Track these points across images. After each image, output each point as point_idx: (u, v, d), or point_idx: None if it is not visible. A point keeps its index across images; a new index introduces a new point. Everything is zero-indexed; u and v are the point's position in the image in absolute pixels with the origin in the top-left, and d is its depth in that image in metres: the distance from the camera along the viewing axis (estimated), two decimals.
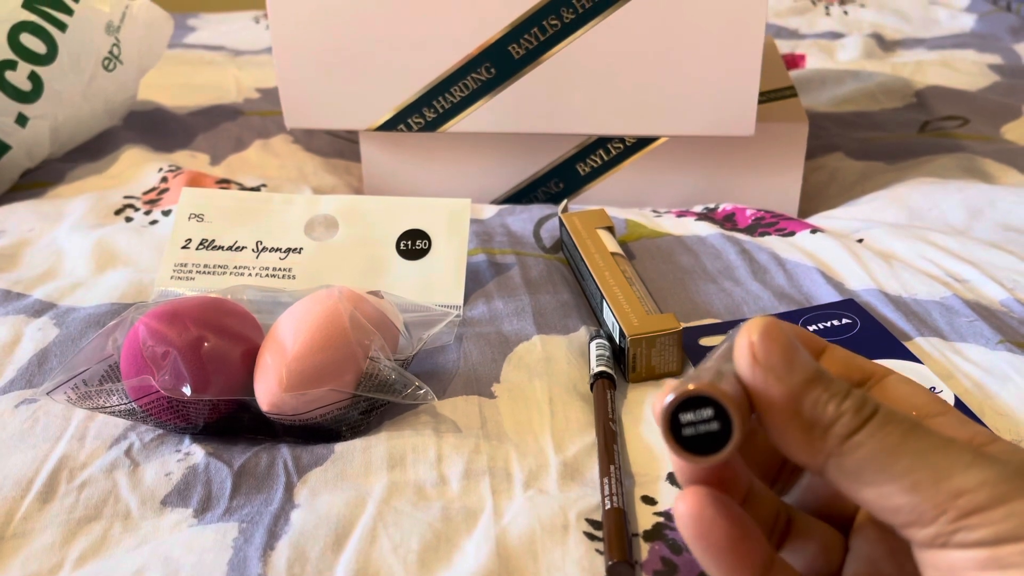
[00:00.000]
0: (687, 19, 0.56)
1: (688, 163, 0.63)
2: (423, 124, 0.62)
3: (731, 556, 0.23)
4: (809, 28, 1.09)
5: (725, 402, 0.22)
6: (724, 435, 0.22)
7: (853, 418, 0.22)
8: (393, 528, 0.35)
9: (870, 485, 0.22)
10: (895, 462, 0.22)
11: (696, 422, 0.22)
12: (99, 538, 0.35)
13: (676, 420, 0.22)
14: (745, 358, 0.23)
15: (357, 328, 0.40)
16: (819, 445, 0.22)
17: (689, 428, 0.22)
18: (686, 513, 0.23)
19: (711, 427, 0.22)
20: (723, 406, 0.22)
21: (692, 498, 0.23)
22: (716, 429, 0.22)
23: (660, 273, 0.53)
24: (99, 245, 0.57)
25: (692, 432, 0.22)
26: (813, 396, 0.23)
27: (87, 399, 0.40)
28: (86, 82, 0.70)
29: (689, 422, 0.22)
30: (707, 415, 0.22)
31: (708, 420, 0.22)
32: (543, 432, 0.40)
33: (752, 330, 0.23)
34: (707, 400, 0.22)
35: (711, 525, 0.23)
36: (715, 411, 0.22)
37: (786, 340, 0.23)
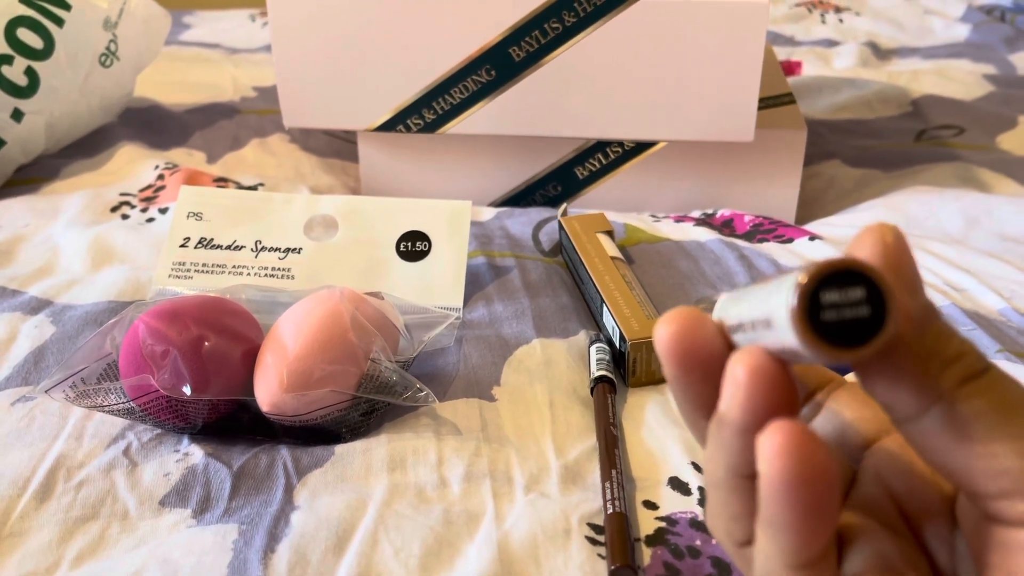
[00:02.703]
0: (688, 24, 0.57)
1: (686, 168, 0.63)
2: (422, 125, 0.62)
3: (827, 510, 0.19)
4: (805, 35, 1.09)
5: (882, 280, 0.17)
6: (872, 323, 0.17)
7: (977, 361, 0.19)
8: (394, 532, 0.34)
9: (977, 442, 0.19)
10: (1012, 419, 0.19)
11: (841, 304, 0.17)
12: (97, 538, 0.35)
13: (815, 300, 0.17)
14: (878, 258, 0.19)
15: (358, 329, 0.40)
16: (932, 383, 0.19)
17: (831, 311, 0.17)
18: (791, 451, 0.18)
19: (859, 312, 0.17)
20: (878, 286, 0.17)
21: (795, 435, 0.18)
22: (865, 315, 0.17)
23: (659, 278, 0.53)
24: (95, 242, 0.57)
25: (834, 317, 0.17)
26: (938, 325, 0.19)
27: (85, 397, 0.39)
28: (82, 78, 0.70)
29: (832, 303, 0.17)
30: (857, 297, 0.17)
31: (856, 303, 0.17)
32: (544, 436, 0.40)
33: (886, 232, 0.19)
34: (858, 277, 0.17)
35: (821, 470, 0.18)
36: (867, 292, 0.17)
37: (907, 253, 0.19)
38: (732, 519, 0.21)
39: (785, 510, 0.18)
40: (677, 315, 0.21)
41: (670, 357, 0.21)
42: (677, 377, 0.21)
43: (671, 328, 0.21)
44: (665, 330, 0.21)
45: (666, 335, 0.21)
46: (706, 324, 0.21)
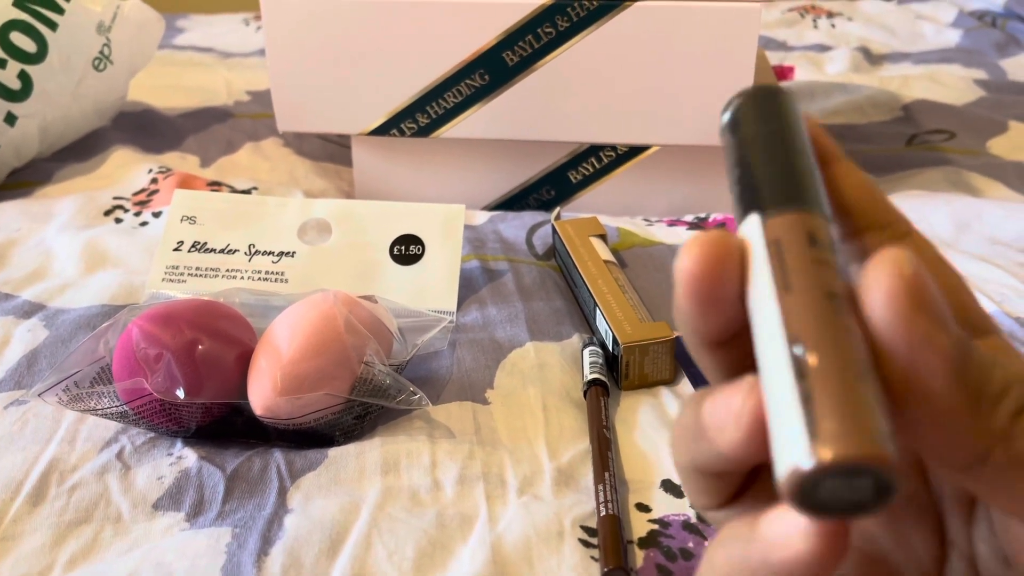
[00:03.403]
0: (681, 29, 0.57)
1: (680, 172, 0.63)
2: (416, 129, 0.62)
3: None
4: (797, 40, 1.09)
5: (893, 476, 0.15)
6: (876, 495, 0.16)
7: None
8: (388, 534, 0.34)
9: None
10: None
11: (842, 489, 0.16)
12: (90, 541, 0.35)
13: (814, 486, 0.16)
14: (901, 307, 0.16)
15: (352, 332, 0.40)
16: (985, 424, 0.17)
17: (829, 494, 0.16)
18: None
19: (859, 495, 0.16)
20: (889, 478, 0.15)
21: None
22: (866, 499, 0.16)
23: (653, 282, 0.53)
24: (89, 246, 0.56)
25: (830, 497, 0.16)
26: (977, 357, 0.17)
27: (78, 401, 0.39)
28: (76, 82, 0.70)
29: (832, 489, 0.16)
30: (861, 486, 0.15)
31: (859, 489, 0.16)
32: (537, 438, 0.40)
33: (903, 265, 0.16)
34: (868, 470, 0.15)
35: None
36: (874, 481, 0.15)
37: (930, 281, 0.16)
38: (694, 493, 0.20)
39: (685, 298, 0.18)
40: (702, 245, 0.18)
41: (688, 296, 0.18)
42: (690, 314, 0.18)
43: (693, 262, 0.18)
44: (687, 263, 0.18)
45: (688, 268, 0.18)
46: (733, 262, 0.18)
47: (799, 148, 0.19)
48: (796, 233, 0.18)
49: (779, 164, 0.19)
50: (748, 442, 0.17)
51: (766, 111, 0.20)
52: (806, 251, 0.17)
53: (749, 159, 0.19)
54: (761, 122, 0.20)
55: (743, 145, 0.20)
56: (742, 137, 0.20)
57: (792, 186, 0.18)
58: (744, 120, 0.20)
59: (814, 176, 0.19)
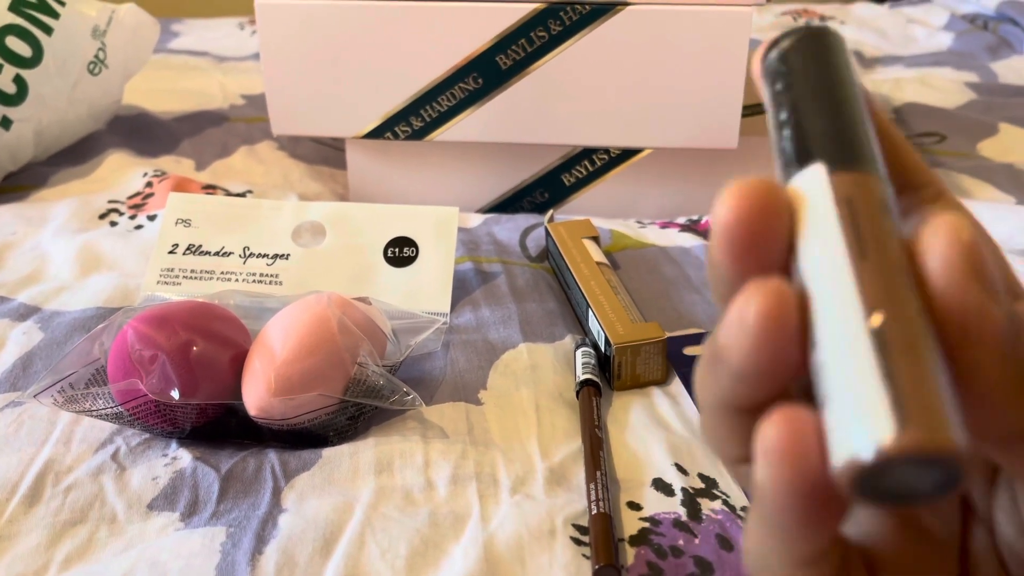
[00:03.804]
0: (673, 33, 0.57)
1: (672, 175, 0.64)
2: (410, 132, 0.62)
3: (828, 518, 0.16)
4: None
5: (964, 469, 0.14)
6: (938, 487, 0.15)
7: None
8: (381, 533, 0.35)
9: None
10: None
11: (907, 478, 0.15)
12: (85, 541, 0.35)
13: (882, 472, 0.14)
14: (956, 273, 0.15)
15: (345, 333, 0.40)
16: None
17: (892, 481, 0.15)
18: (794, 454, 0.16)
19: (922, 484, 0.15)
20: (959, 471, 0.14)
21: (798, 432, 0.16)
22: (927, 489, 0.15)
23: (645, 283, 0.53)
24: (84, 249, 0.57)
25: (891, 485, 0.15)
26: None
27: (73, 402, 0.40)
28: (71, 86, 0.70)
29: (899, 477, 0.15)
30: (929, 476, 0.15)
31: (924, 478, 0.15)
32: (529, 438, 0.40)
33: (961, 230, 0.15)
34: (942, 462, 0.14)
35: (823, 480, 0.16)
36: (942, 472, 0.14)
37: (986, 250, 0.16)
38: (721, 441, 0.19)
39: (787, 514, 0.16)
40: (746, 193, 0.16)
41: (724, 246, 0.17)
42: (723, 265, 0.17)
43: (735, 209, 0.16)
44: (727, 211, 0.16)
45: (728, 218, 0.16)
46: (779, 214, 0.17)
47: (857, 102, 0.18)
48: (870, 195, 0.16)
49: (842, 118, 0.17)
50: (759, 353, 0.16)
51: (822, 56, 0.18)
52: (881, 217, 0.16)
53: (806, 107, 0.17)
54: (818, 68, 0.18)
55: (797, 89, 0.18)
56: (795, 82, 0.18)
57: (858, 144, 0.17)
58: (796, 63, 0.18)
59: (873, 135, 0.17)
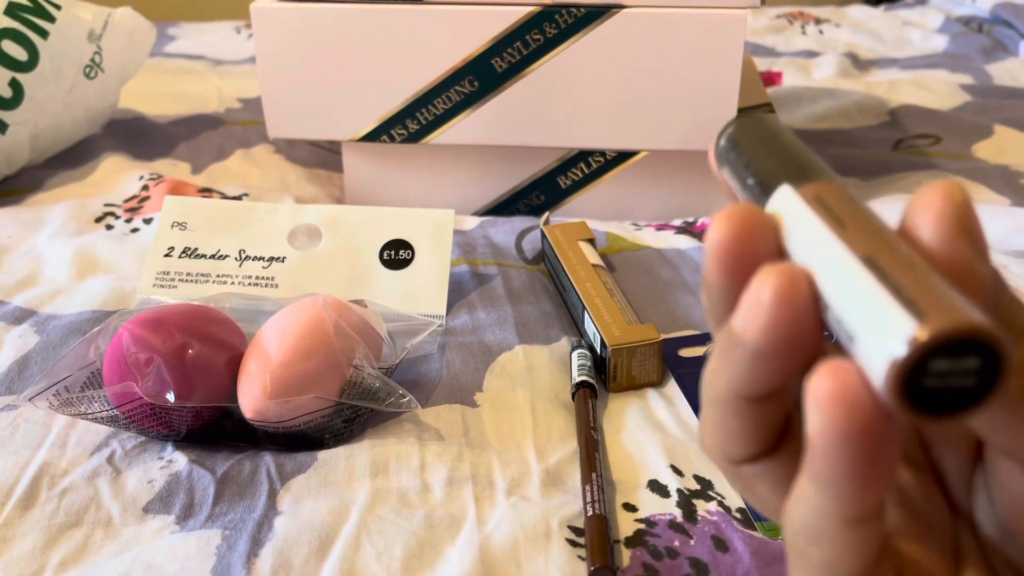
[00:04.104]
0: (668, 36, 0.57)
1: (667, 177, 0.64)
2: (406, 135, 0.62)
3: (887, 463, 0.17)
4: (786, 46, 1.10)
5: (1005, 352, 0.15)
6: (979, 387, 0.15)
7: None
8: (377, 536, 0.35)
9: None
10: None
11: (949, 373, 0.15)
12: (80, 544, 0.35)
13: (923, 365, 0.15)
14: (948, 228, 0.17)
15: (341, 336, 0.40)
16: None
17: (936, 379, 0.15)
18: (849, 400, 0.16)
19: (965, 382, 0.15)
20: (999, 354, 0.15)
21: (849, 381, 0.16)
22: (971, 385, 0.15)
23: (640, 285, 0.53)
24: (80, 252, 0.57)
25: (937, 385, 0.15)
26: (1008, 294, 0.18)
27: (69, 405, 0.40)
28: (67, 90, 0.70)
29: (940, 372, 0.15)
30: (969, 367, 0.15)
31: (965, 373, 0.15)
32: (525, 440, 0.40)
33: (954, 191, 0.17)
34: (978, 345, 0.15)
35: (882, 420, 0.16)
36: (981, 360, 0.15)
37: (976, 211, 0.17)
38: (728, 438, 0.20)
39: (842, 465, 0.16)
40: (734, 216, 0.18)
41: (719, 264, 0.18)
42: (719, 283, 0.18)
43: (726, 231, 0.18)
44: (719, 232, 0.18)
45: (720, 238, 0.18)
46: (764, 230, 0.18)
47: (798, 145, 0.21)
48: (833, 190, 0.18)
49: (791, 153, 0.20)
50: (777, 327, 0.17)
51: (760, 124, 0.22)
52: (848, 199, 0.18)
53: (759, 158, 0.20)
54: (758, 134, 0.21)
55: (748, 151, 0.21)
56: (745, 149, 0.21)
57: (811, 164, 0.19)
58: (742, 136, 0.22)
59: (821, 161, 0.20)
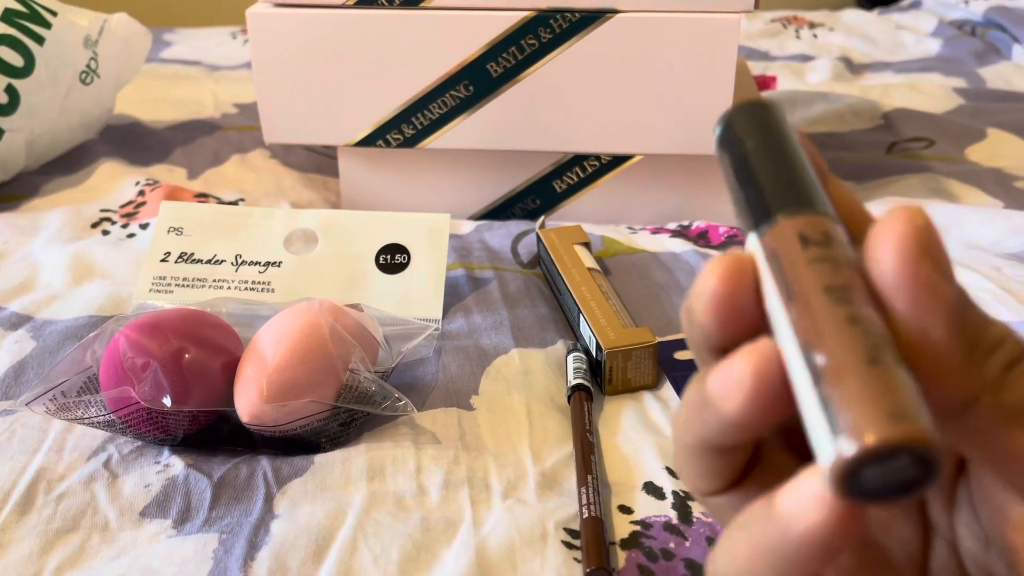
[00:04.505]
0: (662, 40, 0.58)
1: (662, 181, 0.64)
2: (402, 140, 0.62)
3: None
4: (780, 50, 1.11)
5: (934, 451, 0.16)
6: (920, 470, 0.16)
7: (1020, 344, 0.18)
8: (373, 539, 0.35)
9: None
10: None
11: (883, 474, 0.16)
12: (77, 549, 0.35)
13: (855, 475, 0.16)
14: (910, 251, 0.17)
15: (337, 340, 0.40)
16: (976, 373, 0.18)
17: (871, 480, 0.16)
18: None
19: (904, 474, 0.16)
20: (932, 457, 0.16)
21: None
22: (910, 477, 0.16)
23: (635, 288, 0.54)
24: (76, 258, 0.57)
25: (874, 484, 0.16)
26: (973, 311, 0.18)
27: (65, 410, 0.40)
28: (63, 95, 0.70)
29: (874, 476, 0.16)
30: (903, 463, 0.16)
31: (902, 468, 0.16)
32: (521, 443, 0.40)
33: (915, 216, 0.17)
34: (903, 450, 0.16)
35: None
36: (912, 457, 0.16)
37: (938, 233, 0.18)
38: (698, 475, 0.21)
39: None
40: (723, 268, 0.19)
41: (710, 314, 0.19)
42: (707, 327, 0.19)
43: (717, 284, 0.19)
44: (710, 284, 0.19)
45: (711, 290, 0.19)
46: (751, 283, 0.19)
47: (788, 152, 0.20)
48: (787, 239, 0.18)
49: (769, 172, 0.19)
50: (752, 405, 0.18)
51: (754, 124, 0.20)
52: (799, 255, 0.18)
53: (741, 173, 0.20)
54: (749, 135, 0.20)
55: (734, 160, 0.20)
56: (732, 153, 0.20)
57: (782, 190, 0.19)
58: (733, 135, 0.20)
59: (804, 175, 0.19)
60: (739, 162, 0.20)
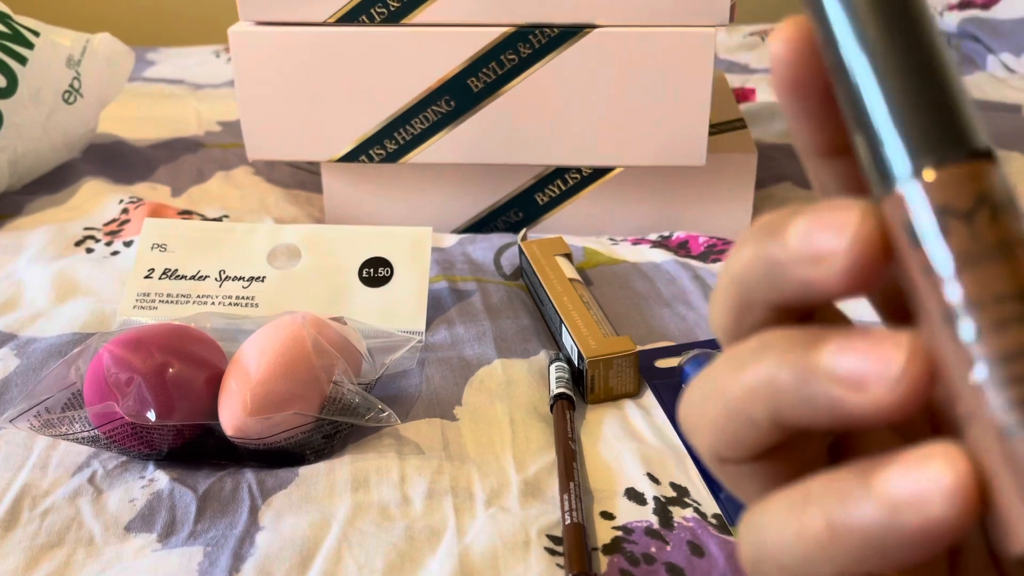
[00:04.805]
0: (640, 54, 0.59)
1: (643, 192, 0.65)
2: (384, 155, 0.63)
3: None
4: (759, 63, 1.12)
5: None
6: None
7: None
8: (358, 548, 0.35)
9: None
10: None
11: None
12: (62, 564, 0.35)
13: None
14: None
15: (320, 353, 0.41)
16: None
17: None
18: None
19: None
20: None
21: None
22: None
23: (617, 298, 0.54)
24: (60, 276, 0.57)
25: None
26: None
27: (50, 427, 0.40)
28: (46, 115, 0.70)
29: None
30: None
31: None
32: (504, 452, 0.41)
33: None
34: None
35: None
36: None
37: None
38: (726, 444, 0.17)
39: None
40: (789, 25, 0.16)
41: (779, 76, 0.16)
42: (786, 99, 0.17)
43: (782, 39, 0.16)
44: (777, 46, 0.16)
45: (778, 47, 0.16)
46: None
47: (931, 36, 0.14)
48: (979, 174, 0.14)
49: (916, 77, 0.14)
50: (859, 271, 0.15)
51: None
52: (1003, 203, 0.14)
53: (861, 75, 0.14)
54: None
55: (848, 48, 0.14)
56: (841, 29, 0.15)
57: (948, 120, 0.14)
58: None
59: (957, 83, 0.14)
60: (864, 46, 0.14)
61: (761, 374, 0.16)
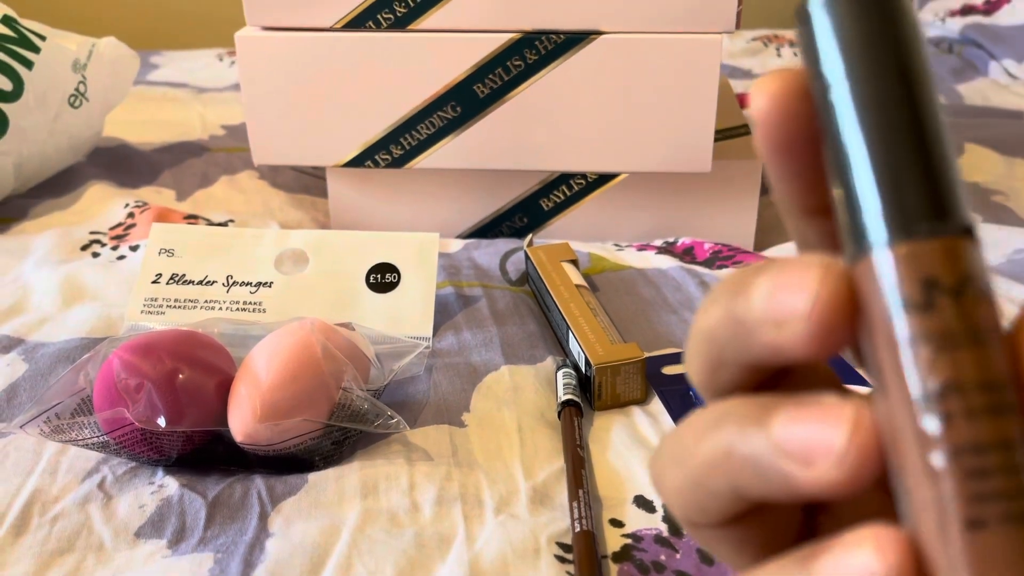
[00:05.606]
0: (646, 60, 0.59)
1: (648, 198, 0.65)
2: (390, 160, 0.63)
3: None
4: (762, 69, 1.12)
5: None
6: None
7: None
8: (367, 555, 0.35)
9: None
10: None
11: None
12: (72, 570, 0.35)
13: None
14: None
15: (329, 359, 0.41)
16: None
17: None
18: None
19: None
20: None
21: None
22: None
23: (623, 304, 0.54)
24: (66, 280, 0.57)
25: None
26: None
27: (60, 432, 0.40)
28: (52, 119, 0.70)
29: None
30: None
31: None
32: (513, 459, 0.41)
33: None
34: None
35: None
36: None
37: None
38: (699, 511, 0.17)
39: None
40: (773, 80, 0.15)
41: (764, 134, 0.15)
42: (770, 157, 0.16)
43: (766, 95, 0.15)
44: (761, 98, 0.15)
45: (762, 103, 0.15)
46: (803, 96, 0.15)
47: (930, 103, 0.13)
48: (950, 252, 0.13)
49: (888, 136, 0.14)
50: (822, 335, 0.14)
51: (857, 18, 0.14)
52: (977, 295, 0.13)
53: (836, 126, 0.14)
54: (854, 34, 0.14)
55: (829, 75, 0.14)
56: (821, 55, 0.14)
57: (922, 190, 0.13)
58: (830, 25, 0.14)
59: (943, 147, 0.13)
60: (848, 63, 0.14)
61: (720, 446, 0.16)
